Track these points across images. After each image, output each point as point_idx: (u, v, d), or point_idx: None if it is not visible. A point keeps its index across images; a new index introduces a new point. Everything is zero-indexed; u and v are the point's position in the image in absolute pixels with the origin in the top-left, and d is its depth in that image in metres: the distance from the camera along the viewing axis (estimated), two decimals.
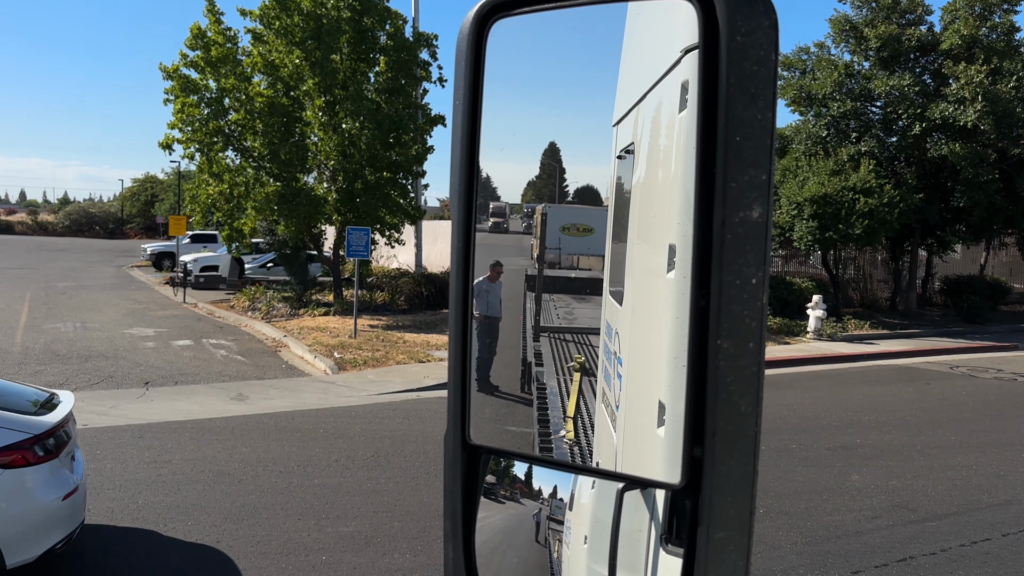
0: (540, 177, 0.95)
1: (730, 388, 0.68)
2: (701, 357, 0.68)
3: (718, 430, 0.67)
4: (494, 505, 0.89)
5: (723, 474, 0.68)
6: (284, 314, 20.58)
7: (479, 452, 0.88)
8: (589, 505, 0.84)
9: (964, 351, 19.05)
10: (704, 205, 0.68)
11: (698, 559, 0.68)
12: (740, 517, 0.70)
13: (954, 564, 5.92)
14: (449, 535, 0.88)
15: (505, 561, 0.91)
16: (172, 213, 68.74)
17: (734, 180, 0.67)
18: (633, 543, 0.79)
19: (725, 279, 0.67)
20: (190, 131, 19.48)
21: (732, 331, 0.67)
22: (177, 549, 5.80)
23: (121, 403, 10.90)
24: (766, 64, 0.68)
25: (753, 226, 0.68)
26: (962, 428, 10.73)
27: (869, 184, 20.69)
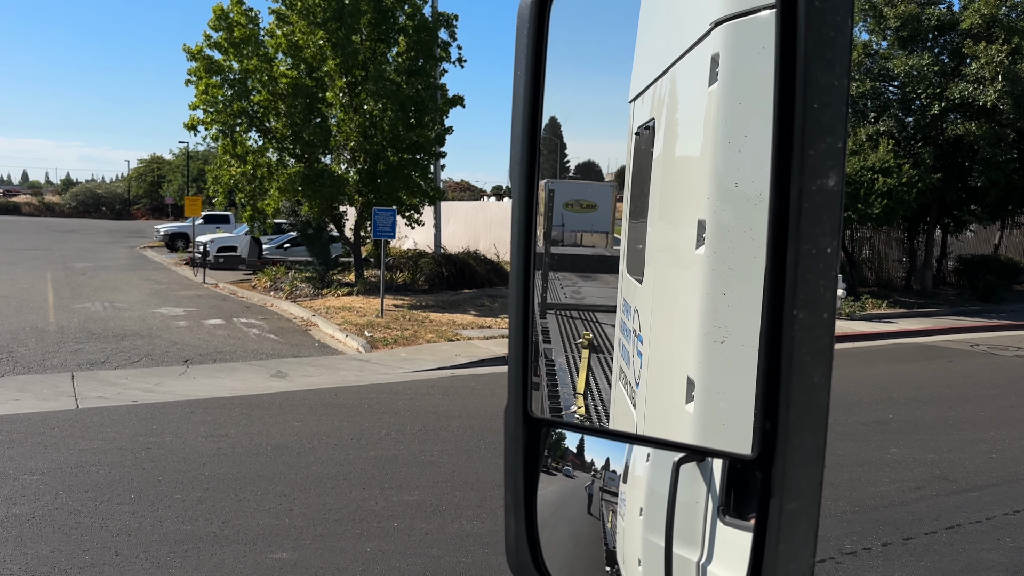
0: (541, 152, 0.93)
1: (804, 359, 0.66)
2: (775, 328, 0.67)
3: (792, 402, 0.66)
4: (546, 477, 0.89)
5: (796, 445, 0.67)
6: (307, 294, 20.78)
7: (540, 425, 0.88)
8: (644, 477, 0.83)
9: (982, 329, 19.21)
10: (781, 174, 0.67)
11: (769, 529, 0.68)
12: (811, 488, 0.69)
13: (1000, 531, 6.12)
14: (511, 507, 0.88)
15: (556, 534, 0.90)
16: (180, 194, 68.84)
17: (812, 148, 0.66)
18: (690, 515, 0.78)
19: (802, 248, 0.66)
20: (213, 112, 19.60)
21: (807, 301, 0.66)
22: (253, 517, 6.03)
23: (165, 380, 11.12)
24: (843, 29, 0.67)
25: (829, 194, 0.66)
26: (990, 404, 10.92)
27: (888, 164, 20.75)
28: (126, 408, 9.46)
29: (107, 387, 10.57)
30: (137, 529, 5.77)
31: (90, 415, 9.11)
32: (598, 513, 0.87)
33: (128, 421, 8.83)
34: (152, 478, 6.90)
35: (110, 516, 6.01)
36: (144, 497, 6.43)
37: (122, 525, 5.84)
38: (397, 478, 6.98)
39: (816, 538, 0.70)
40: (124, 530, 5.75)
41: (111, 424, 8.68)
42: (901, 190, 20.52)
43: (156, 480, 6.85)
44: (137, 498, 6.40)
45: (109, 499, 6.37)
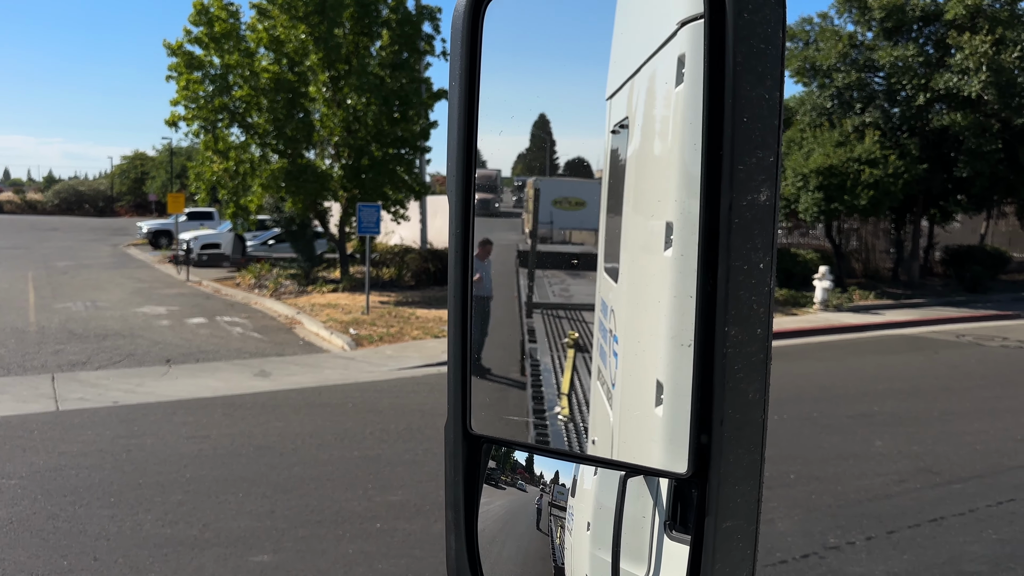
0: (530, 150, 0.92)
1: (738, 376, 0.66)
2: (708, 344, 0.66)
3: (726, 418, 0.65)
4: (494, 492, 0.88)
5: (731, 462, 0.66)
6: (292, 291, 20.66)
7: (480, 442, 0.87)
8: (592, 491, 0.82)
9: (969, 320, 19.31)
10: (711, 188, 0.65)
11: (705, 548, 0.67)
12: (748, 505, 0.68)
13: (983, 523, 6.13)
14: (451, 525, 0.87)
15: (505, 550, 0.89)
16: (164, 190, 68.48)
17: (742, 163, 0.64)
18: (637, 529, 0.77)
19: (732, 264, 0.65)
20: (195, 108, 19.43)
21: (739, 318, 0.65)
22: (235, 519, 5.95)
23: (146, 380, 11.01)
24: (774, 42, 0.65)
25: (761, 210, 0.65)
26: (975, 395, 10.96)
27: (874, 155, 20.81)
28: (107, 409, 9.35)
29: (88, 388, 10.45)
30: (116, 533, 5.70)
31: (70, 417, 9.00)
32: (547, 528, 0.86)
33: (109, 423, 8.73)
34: (132, 481, 6.82)
35: (89, 520, 5.92)
36: (124, 500, 6.35)
37: (101, 529, 5.76)
38: (380, 478, 6.92)
39: (755, 557, 0.69)
40: (103, 534, 5.67)
41: (91, 426, 8.58)
42: (887, 181, 20.58)
43: (136, 483, 6.77)
44: (117, 501, 6.32)
45: (88, 503, 6.28)
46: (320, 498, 6.43)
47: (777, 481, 7.02)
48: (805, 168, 21.16)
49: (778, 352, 14.60)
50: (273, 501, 6.34)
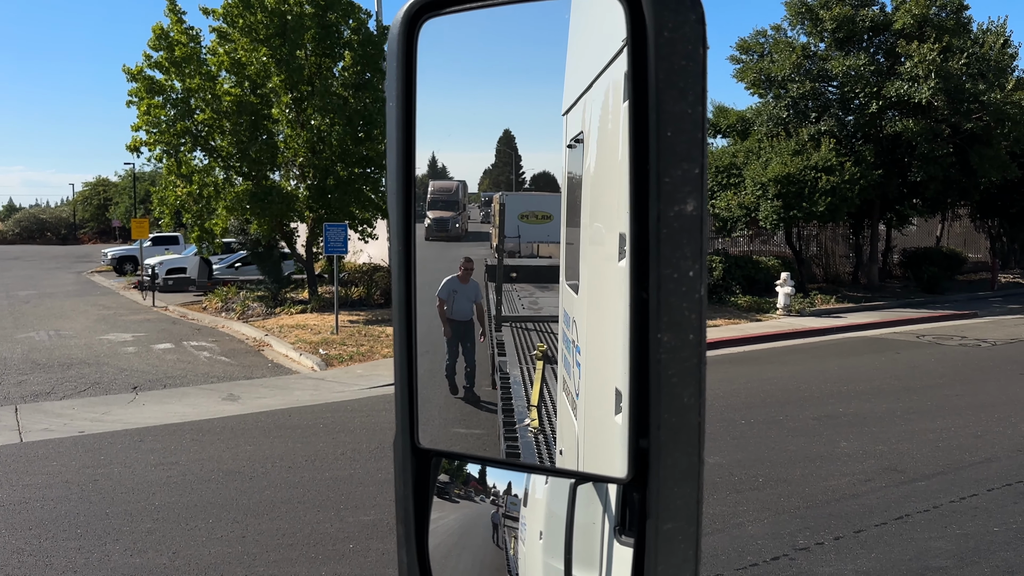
0: (496, 165, 0.93)
1: (672, 380, 0.67)
2: (643, 351, 0.68)
3: (662, 423, 0.67)
4: (448, 505, 0.89)
5: (669, 465, 0.68)
6: (260, 313, 20.49)
7: (429, 455, 0.87)
8: (543, 500, 0.84)
9: (927, 320, 19.73)
10: (639, 200, 0.68)
11: (648, 551, 0.68)
12: (688, 507, 0.69)
13: (947, 519, 6.28)
14: (402, 540, 0.87)
15: (460, 564, 0.91)
16: (128, 216, 67.49)
17: (667, 175, 0.66)
18: (588, 536, 0.78)
19: (663, 273, 0.67)
20: (156, 133, 19.25)
21: (672, 324, 0.67)
22: (205, 546, 5.90)
23: (113, 408, 10.86)
24: (694, 58, 0.67)
25: (688, 220, 0.67)
26: (936, 393, 11.21)
27: (830, 162, 21.24)
28: (72, 439, 9.21)
29: (52, 419, 10.28)
30: (84, 565, 5.62)
31: (34, 448, 8.85)
32: (501, 539, 0.87)
33: (74, 453, 8.60)
34: (99, 511, 6.73)
35: (55, 553, 5.83)
36: (91, 531, 6.26)
37: (68, 562, 5.67)
38: (353, 499, 6.90)
39: (697, 558, 0.70)
40: (70, 567, 5.59)
41: (56, 457, 8.45)
42: (844, 187, 21.01)
43: (104, 513, 6.68)
44: (83, 532, 6.23)
45: (54, 535, 6.19)
46: (292, 521, 6.40)
47: (746, 484, 7.12)
48: (763, 177, 21.52)
49: (743, 357, 14.80)
50: (244, 526, 6.30)
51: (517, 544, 0.87)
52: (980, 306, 22.47)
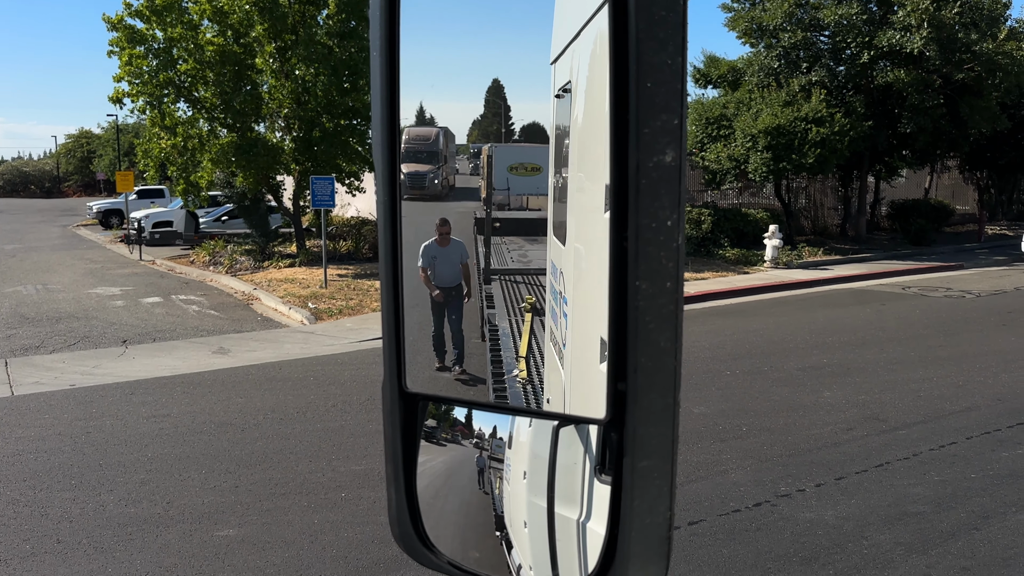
0: (485, 116, 0.92)
1: (649, 326, 0.69)
2: (621, 298, 0.69)
3: (639, 366, 0.69)
4: (435, 448, 0.91)
5: (645, 407, 0.70)
6: (248, 267, 20.43)
7: (416, 400, 0.89)
8: (527, 443, 0.86)
9: (914, 272, 19.88)
10: (619, 151, 0.68)
11: (624, 487, 0.71)
12: (663, 446, 0.72)
13: (926, 466, 6.42)
14: (391, 479, 0.89)
15: (448, 504, 0.93)
16: (113, 169, 66.65)
17: (647, 126, 0.67)
18: (569, 475, 0.81)
19: (641, 222, 0.68)
20: (139, 84, 18.94)
21: (649, 272, 0.69)
22: (199, 495, 5.99)
23: (103, 362, 10.89)
24: (675, 8, 0.67)
25: (667, 170, 0.68)
26: (920, 344, 11.36)
27: (820, 114, 21.14)
28: (63, 393, 9.25)
29: (43, 372, 10.31)
30: (79, 515, 5.70)
31: (26, 402, 8.89)
32: (487, 480, 0.90)
33: (66, 406, 8.65)
34: (93, 462, 6.79)
35: (50, 504, 5.91)
36: (85, 482, 6.33)
37: (63, 512, 5.75)
38: (344, 449, 6.99)
39: (672, 493, 0.73)
40: (65, 517, 5.67)
41: (48, 410, 8.49)
42: (834, 139, 20.95)
43: (97, 464, 6.75)
44: (78, 484, 6.30)
45: (49, 486, 6.26)
46: (284, 471, 6.49)
47: (730, 433, 7.25)
48: (754, 129, 21.42)
49: (730, 309, 14.92)
50: (237, 476, 6.38)
51: (502, 484, 0.90)
52: (966, 258, 22.64)
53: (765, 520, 5.42)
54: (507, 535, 0.90)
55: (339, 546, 5.13)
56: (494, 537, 0.90)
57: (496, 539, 0.90)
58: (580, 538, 0.79)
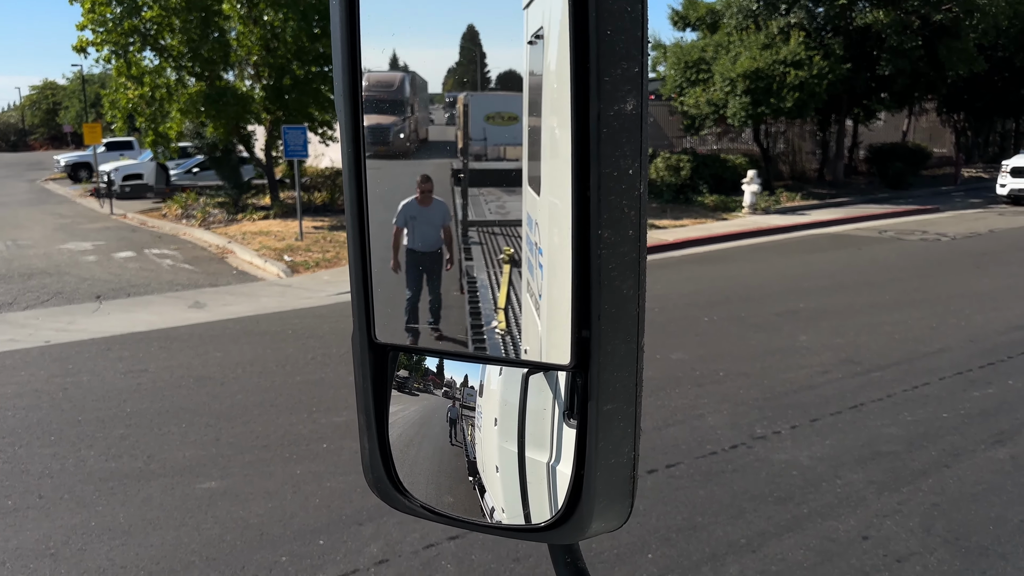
0: (460, 64, 0.89)
1: (612, 274, 0.70)
2: (584, 246, 0.71)
3: (603, 313, 0.71)
4: (407, 398, 0.92)
5: (609, 352, 0.72)
6: (222, 220, 20.16)
7: (386, 350, 0.90)
8: (498, 391, 0.87)
9: (891, 216, 20.03)
10: (579, 100, 0.68)
11: (589, 429, 0.74)
12: (626, 390, 0.73)
13: (899, 407, 6.54)
14: (364, 428, 0.91)
15: (421, 452, 0.94)
16: (80, 121, 65.19)
17: (607, 74, 0.67)
18: (539, 421, 0.82)
19: (603, 171, 0.68)
20: (103, 32, 18.37)
21: (612, 221, 0.69)
22: (179, 449, 5.98)
23: (77, 318, 10.76)
24: None
25: (628, 119, 0.68)
26: (895, 287, 11.49)
27: (799, 56, 20.98)
28: (39, 350, 9.15)
29: (17, 329, 10.18)
30: (59, 471, 5.68)
31: (1, 359, 8.79)
32: (459, 428, 0.91)
33: (42, 363, 8.56)
34: (71, 419, 6.75)
35: (30, 460, 5.88)
36: (64, 438, 6.30)
37: (43, 468, 5.73)
38: (324, 401, 7.00)
39: (636, 435, 0.75)
40: (46, 472, 5.65)
41: (24, 367, 8.41)
42: (812, 82, 20.85)
43: (76, 420, 6.71)
44: (57, 440, 6.27)
45: (28, 443, 6.22)
46: (265, 424, 6.49)
47: (707, 378, 7.33)
48: (732, 72, 21.25)
49: (709, 256, 14.98)
50: (217, 430, 6.38)
51: (474, 431, 0.91)
52: (943, 201, 22.82)
53: (741, 462, 5.51)
54: (480, 479, 0.91)
55: (322, 495, 5.16)
56: (467, 482, 0.92)
57: (469, 484, 0.91)
58: (549, 480, 0.81)
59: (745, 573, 4.13)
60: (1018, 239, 16.19)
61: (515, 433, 0.84)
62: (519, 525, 0.84)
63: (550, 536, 0.81)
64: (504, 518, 0.86)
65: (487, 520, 0.87)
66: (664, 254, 15.20)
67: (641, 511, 4.81)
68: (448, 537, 4.49)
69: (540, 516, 0.83)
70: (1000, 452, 5.59)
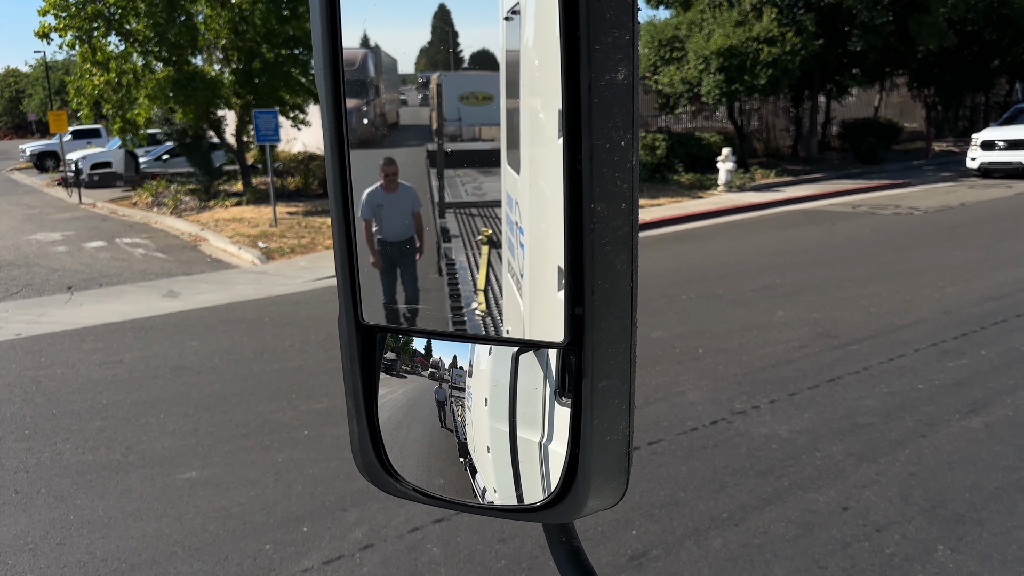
0: (432, 43, 0.87)
1: (605, 248, 0.69)
2: (576, 221, 0.69)
3: (596, 288, 0.70)
4: (396, 380, 0.90)
5: (603, 328, 0.71)
6: (194, 207, 19.91)
7: (374, 331, 0.88)
8: (488, 371, 0.86)
9: (864, 191, 20.20)
10: (571, 70, 0.67)
11: (584, 407, 0.73)
12: (621, 366, 0.73)
13: (875, 379, 6.62)
14: (352, 411, 0.90)
15: (411, 434, 0.92)
16: (44, 109, 63.97)
17: (598, 42, 0.65)
18: (530, 400, 0.82)
19: (595, 143, 0.67)
20: (66, 17, 17.96)
21: (605, 194, 0.68)
22: (158, 440, 5.92)
23: (49, 310, 10.59)
24: None
25: (620, 88, 0.67)
26: (870, 261, 11.60)
27: (772, 33, 21.02)
28: (9, 343, 9.00)
29: None
30: (35, 465, 5.60)
31: None
32: (449, 409, 0.90)
33: (13, 356, 8.42)
34: (46, 412, 6.65)
35: (4, 455, 5.79)
36: (39, 432, 6.21)
37: (19, 463, 5.64)
38: (304, 388, 6.95)
39: (630, 412, 0.75)
40: (21, 467, 5.57)
41: None
42: (785, 59, 20.90)
43: (50, 414, 6.61)
44: (32, 434, 6.18)
45: (2, 437, 6.13)
46: (244, 412, 6.43)
47: (687, 356, 7.37)
48: (706, 50, 21.24)
49: (686, 235, 15.03)
50: (196, 419, 6.31)
51: (464, 412, 0.90)
52: (914, 175, 23.05)
53: (722, 437, 5.55)
54: (471, 461, 0.90)
55: (304, 483, 5.13)
56: (458, 464, 0.90)
57: (460, 465, 0.90)
58: (542, 459, 0.81)
59: (728, 547, 4.17)
60: (989, 211, 16.41)
61: (506, 413, 0.83)
62: (513, 505, 0.83)
63: (546, 516, 0.80)
64: (496, 499, 0.85)
65: (481, 501, 0.86)
66: (642, 233, 15.20)
67: None
68: (433, 520, 4.49)
69: (533, 496, 0.82)
70: (974, 421, 5.67)
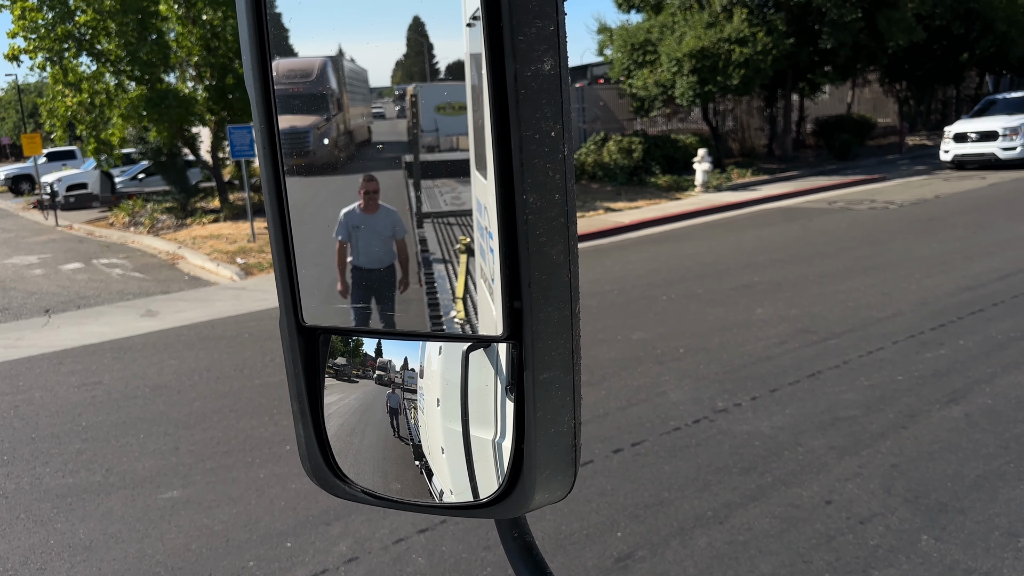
0: (408, 55, 0.86)
1: (540, 240, 0.69)
2: (509, 214, 0.69)
3: (533, 280, 0.69)
4: (347, 386, 0.89)
5: (542, 320, 0.70)
6: (171, 225, 19.78)
7: (316, 333, 0.87)
8: (439, 370, 0.85)
9: (839, 187, 20.38)
10: (495, 61, 0.66)
11: (527, 399, 0.73)
12: (563, 358, 0.72)
13: (855, 372, 6.66)
14: (298, 415, 0.89)
15: (365, 440, 0.92)
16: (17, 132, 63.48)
17: (521, 33, 0.65)
18: (482, 398, 0.82)
19: (524, 134, 0.67)
20: (36, 39, 17.83)
21: (536, 185, 0.68)
22: (138, 460, 5.86)
23: (26, 333, 10.47)
24: None
25: (547, 79, 0.66)
26: (847, 256, 11.70)
27: (743, 33, 21.19)
28: None
29: None
30: (14, 491, 5.52)
31: None
32: (403, 413, 0.89)
33: None
34: (24, 436, 6.57)
35: None
36: (18, 457, 6.13)
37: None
38: (285, 403, 6.89)
39: (575, 403, 0.74)
40: (0, 493, 5.49)
41: None
42: (757, 59, 21.08)
43: (29, 438, 6.53)
44: (10, 459, 6.10)
45: None
46: (225, 429, 6.38)
47: (667, 356, 7.39)
48: (679, 52, 21.39)
49: (664, 236, 15.10)
50: (176, 438, 6.26)
51: (417, 414, 0.89)
52: (889, 169, 23.29)
53: (704, 435, 5.57)
54: (426, 463, 0.89)
55: (287, 498, 5.09)
56: (414, 467, 0.90)
57: (416, 468, 0.89)
58: (496, 456, 0.80)
59: (714, 545, 4.18)
60: (963, 203, 16.60)
61: (459, 412, 0.83)
62: (463, 502, 0.83)
63: (494, 511, 0.80)
64: (452, 499, 0.85)
65: (431, 500, 0.85)
66: (621, 236, 15.28)
67: (609, 490, 4.83)
68: (418, 530, 4.46)
69: (487, 494, 0.82)
70: (954, 411, 5.72)
